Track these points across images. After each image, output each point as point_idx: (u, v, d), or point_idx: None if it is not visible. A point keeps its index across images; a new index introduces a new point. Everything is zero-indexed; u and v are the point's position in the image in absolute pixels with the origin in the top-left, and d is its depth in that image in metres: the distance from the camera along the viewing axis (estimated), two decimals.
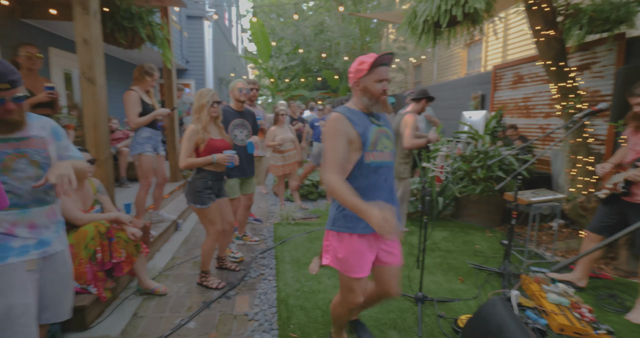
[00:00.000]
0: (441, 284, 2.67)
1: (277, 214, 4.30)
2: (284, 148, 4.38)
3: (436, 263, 3.03)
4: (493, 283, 2.67)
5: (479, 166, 3.95)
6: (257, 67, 12.02)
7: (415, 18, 3.81)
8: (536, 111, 5.22)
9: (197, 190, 2.38)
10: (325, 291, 2.53)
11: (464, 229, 3.87)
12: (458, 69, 9.93)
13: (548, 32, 3.58)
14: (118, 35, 3.42)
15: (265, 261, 3.06)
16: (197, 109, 2.39)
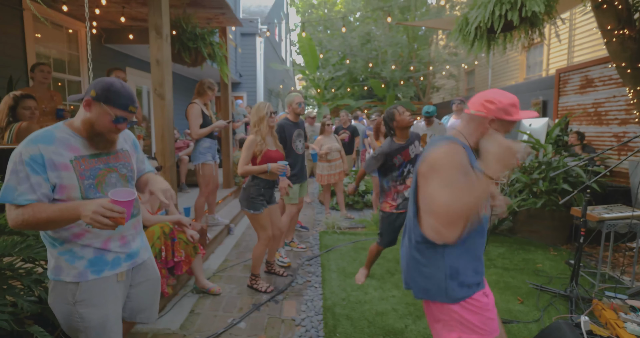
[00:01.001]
0: (498, 304, 2.50)
1: (323, 222, 4.38)
2: (330, 157, 4.48)
3: (492, 280, 2.85)
4: (558, 307, 2.44)
5: (540, 178, 3.66)
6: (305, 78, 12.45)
7: (467, 25, 3.71)
8: (609, 118, 4.70)
9: (251, 196, 2.55)
10: (371, 302, 2.52)
11: (524, 246, 3.58)
12: (516, 73, 9.30)
13: (622, 31, 3.25)
14: (184, 54, 3.81)
15: (312, 269, 3.13)
16: (256, 122, 2.56)
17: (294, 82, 18.67)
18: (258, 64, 9.38)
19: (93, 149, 1.23)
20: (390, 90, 12.12)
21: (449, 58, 11.48)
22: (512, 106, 1.19)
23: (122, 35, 4.85)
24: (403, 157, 2.58)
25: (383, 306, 2.47)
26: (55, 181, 1.14)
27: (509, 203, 1.21)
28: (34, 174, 1.10)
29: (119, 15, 4.07)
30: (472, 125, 1.23)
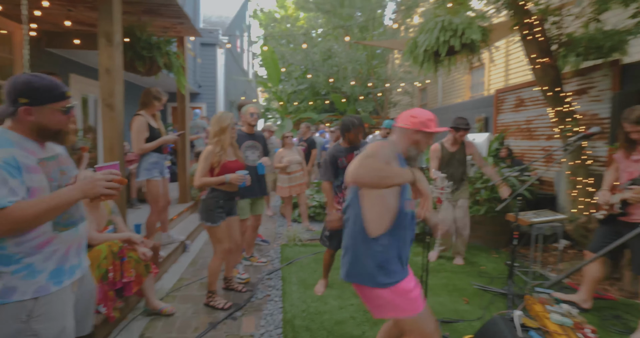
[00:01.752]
0: (446, 305, 2.70)
1: (285, 235, 4.40)
2: (290, 170, 4.56)
3: (442, 284, 3.06)
4: (498, 304, 2.69)
5: (482, 187, 4.04)
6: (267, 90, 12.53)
7: (417, 48, 4.07)
8: (538, 133, 5.33)
9: (209, 209, 2.53)
10: (331, 312, 2.59)
11: (470, 250, 3.89)
12: (462, 92, 10.19)
13: (543, 60, 3.77)
14: (137, 63, 3.64)
15: (272, 282, 3.13)
16: (217, 132, 2.54)
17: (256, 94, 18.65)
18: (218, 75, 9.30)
19: (45, 152, 1.21)
20: (351, 104, 12.60)
21: (404, 76, 12.27)
22: (429, 120, 1.50)
23: (67, 40, 4.53)
24: (347, 160, 2.68)
25: (342, 315, 2.54)
26: (28, 185, 1.11)
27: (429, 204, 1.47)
28: (12, 177, 1.06)
29: (64, 18, 3.84)
30: (402, 136, 1.53)
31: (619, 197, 2.32)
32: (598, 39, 4.06)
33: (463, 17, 3.83)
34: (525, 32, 3.81)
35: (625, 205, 2.32)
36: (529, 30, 3.78)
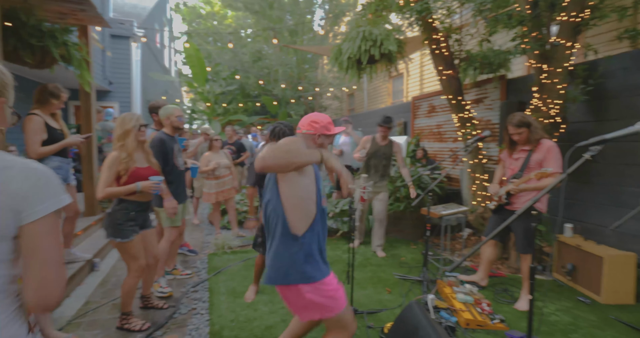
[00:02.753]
0: (371, 297, 2.87)
1: (213, 243, 4.18)
2: (218, 174, 4.35)
3: (367, 277, 3.25)
4: (415, 291, 2.96)
5: (401, 186, 4.42)
6: (193, 91, 11.79)
7: (341, 55, 4.28)
8: (447, 136, 6.06)
9: (118, 223, 2.25)
10: (261, 318, 2.54)
11: (392, 243, 4.22)
12: (385, 98, 11.03)
13: (448, 72, 4.29)
14: (23, 53, 3.10)
15: (198, 295, 2.94)
16: (121, 136, 2.30)
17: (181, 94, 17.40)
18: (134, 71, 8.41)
19: None
20: (282, 107, 12.61)
21: (333, 81, 12.76)
22: (329, 124, 1.62)
23: None
24: None
25: (273, 319, 2.52)
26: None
27: (350, 188, 1.60)
28: None
29: None
30: (306, 141, 1.60)
31: (504, 190, 2.77)
32: (489, 56, 4.80)
33: (382, 29, 4.16)
34: (433, 46, 4.29)
35: (509, 196, 2.77)
36: (437, 45, 4.27)
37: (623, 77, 3.59)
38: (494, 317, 2.41)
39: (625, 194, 3.48)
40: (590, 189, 3.85)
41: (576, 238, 3.10)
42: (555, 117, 3.49)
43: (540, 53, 3.68)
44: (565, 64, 3.41)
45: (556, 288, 2.99)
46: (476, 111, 5.37)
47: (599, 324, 2.41)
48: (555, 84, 3.43)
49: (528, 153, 2.68)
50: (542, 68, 3.57)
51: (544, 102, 3.50)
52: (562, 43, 3.40)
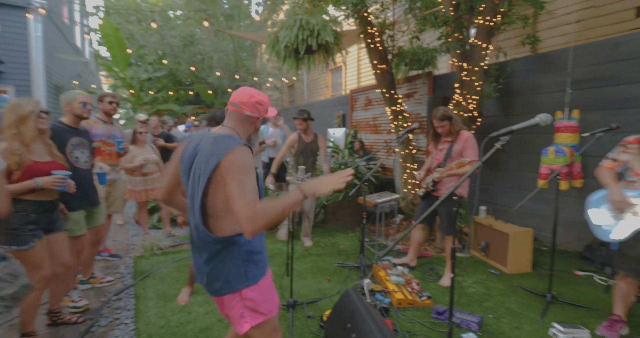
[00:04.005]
0: (311, 286, 2.90)
1: (140, 245, 3.79)
2: (146, 171, 3.93)
3: (307, 267, 3.28)
4: (353, 277, 3.07)
5: None
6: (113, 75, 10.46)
7: (278, 43, 4.15)
8: (382, 129, 6.37)
9: (13, 227, 1.89)
10: (196, 320, 2.38)
11: (332, 233, 4.32)
12: (325, 91, 11.15)
13: (382, 66, 4.46)
14: None
15: (122, 303, 2.65)
16: (14, 123, 1.90)
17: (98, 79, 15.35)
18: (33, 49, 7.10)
19: None
20: (219, 97, 11.93)
21: (272, 71, 12.45)
22: (268, 105, 1.45)
23: None
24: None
25: (208, 320, 2.38)
26: None
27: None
28: None
29: None
30: (245, 124, 1.39)
31: (430, 178, 3.00)
32: (418, 53, 5.12)
33: (319, 19, 4.13)
34: (368, 40, 4.41)
35: (435, 184, 3.01)
36: (371, 40, 4.40)
37: (525, 77, 4.14)
38: (422, 294, 2.62)
39: (525, 179, 4.06)
40: (499, 175, 4.41)
41: (489, 219, 3.52)
42: (473, 112, 3.88)
43: (461, 53, 4.04)
44: (482, 63, 3.78)
45: (473, 263, 3.38)
46: (407, 105, 5.72)
47: (506, 292, 2.79)
48: (473, 82, 3.80)
49: (450, 144, 2.93)
50: (463, 66, 3.92)
51: (464, 97, 3.85)
52: (479, 44, 3.76)
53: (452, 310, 1.67)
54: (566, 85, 3.58)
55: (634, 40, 3.21)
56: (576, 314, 2.43)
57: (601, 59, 3.43)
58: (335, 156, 5.10)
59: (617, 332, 2.16)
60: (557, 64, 3.79)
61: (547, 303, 2.53)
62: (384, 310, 2.41)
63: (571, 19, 4.69)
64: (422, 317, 2.42)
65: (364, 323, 1.80)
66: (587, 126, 3.31)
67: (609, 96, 3.35)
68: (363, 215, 3.10)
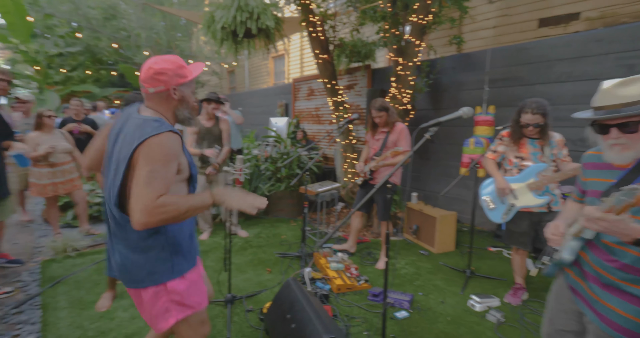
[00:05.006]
0: (251, 279, 2.84)
1: (49, 247, 3.29)
2: (55, 160, 3.39)
3: (247, 260, 3.20)
4: (295, 267, 3.09)
5: (282, 166, 4.47)
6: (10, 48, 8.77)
7: (214, 23, 3.87)
8: (324, 119, 6.44)
9: None
10: (119, 327, 2.17)
11: (274, 223, 4.28)
12: (267, 78, 10.85)
13: (324, 56, 4.46)
14: None
15: (24, 316, 2.29)
16: None
17: None
18: None
19: None
20: None
21: (210, 55, 11.68)
22: (180, 68, 1.23)
23: None
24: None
25: (135, 325, 2.19)
26: None
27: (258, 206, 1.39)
28: None
29: None
30: (162, 102, 1.23)
31: (368, 167, 3.12)
32: (358, 46, 5.24)
33: (259, 1, 3.95)
34: (310, 29, 4.36)
35: (372, 172, 3.14)
36: (313, 29, 4.36)
37: (452, 74, 4.52)
38: (360, 278, 2.75)
39: (451, 168, 4.48)
40: (429, 164, 4.79)
41: (419, 204, 3.82)
42: (407, 105, 4.12)
43: (397, 48, 4.23)
44: (415, 59, 4.01)
45: (406, 246, 3.65)
46: (348, 96, 5.86)
47: (433, 270, 3.07)
48: (407, 76, 4.02)
49: (386, 134, 3.07)
50: (398, 61, 4.12)
51: (399, 91, 4.06)
52: (413, 41, 3.98)
53: (386, 291, 1.77)
54: (484, 83, 3.99)
55: (537, 47, 3.70)
56: (490, 285, 2.78)
57: (512, 61, 3.89)
58: (277, 146, 5.02)
59: (519, 297, 2.53)
60: (477, 64, 4.20)
61: (466, 278, 2.85)
62: (324, 297, 2.48)
63: (489, 25, 5.23)
64: (360, 300, 2.54)
65: (303, 312, 1.81)
66: (500, 120, 3.74)
67: (518, 95, 3.83)
68: (304, 204, 3.11)
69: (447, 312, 2.40)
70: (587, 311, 1.19)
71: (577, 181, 1.36)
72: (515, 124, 2.39)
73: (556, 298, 1.36)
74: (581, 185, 1.32)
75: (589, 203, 1.21)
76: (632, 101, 1.03)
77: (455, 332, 2.17)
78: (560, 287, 1.36)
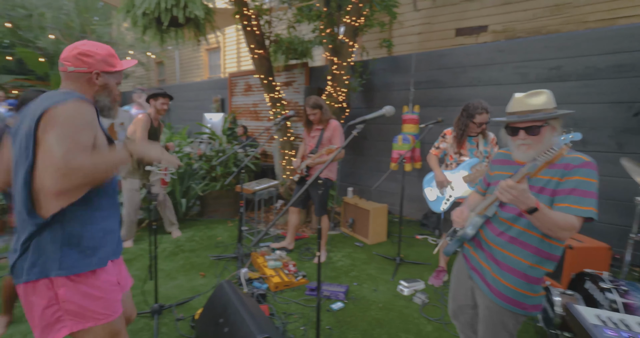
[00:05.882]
0: (183, 286, 2.67)
1: None
2: None
3: (179, 266, 3.00)
4: (231, 268, 2.99)
5: (217, 164, 4.28)
6: None
7: (134, 8, 3.51)
8: (262, 115, 6.32)
9: None
10: None
11: (209, 225, 4.08)
12: (201, 72, 10.24)
13: (260, 52, 4.37)
14: None
15: None
16: None
17: None
18: None
19: None
20: (55, 67, 9.41)
21: (134, 43, 10.59)
22: (110, 56, 1.21)
23: None
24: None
25: None
26: None
27: (177, 162, 1.37)
28: None
29: None
30: (81, 84, 1.17)
31: (304, 164, 3.15)
32: (295, 43, 5.24)
33: None
34: (245, 22, 4.22)
35: (308, 169, 3.18)
36: (248, 22, 4.23)
37: (383, 75, 4.79)
38: (298, 274, 2.77)
39: (383, 163, 4.77)
40: (363, 160, 5.04)
41: (355, 198, 3.99)
42: (342, 103, 4.26)
43: (333, 47, 4.33)
44: (349, 59, 4.16)
45: (342, 239, 3.79)
46: (286, 93, 5.83)
47: (367, 260, 3.24)
48: (342, 75, 4.15)
49: (321, 132, 3.14)
50: (334, 60, 4.22)
51: (335, 89, 4.17)
52: (347, 41, 4.11)
53: (320, 285, 1.82)
54: (410, 85, 4.32)
55: (453, 54, 4.12)
56: (417, 270, 3.04)
57: (433, 66, 4.27)
58: (212, 143, 4.78)
59: (441, 279, 2.81)
60: (404, 67, 4.52)
61: (396, 265, 3.07)
62: (261, 297, 2.44)
63: (415, 31, 5.66)
64: (297, 296, 2.56)
65: (236, 314, 1.77)
66: (424, 119, 4.09)
67: (438, 96, 4.23)
68: (240, 203, 3.02)
69: (379, 299, 2.56)
70: (480, 283, 1.39)
71: (485, 175, 1.56)
72: (464, 126, 2.56)
73: (456, 277, 1.56)
74: (487, 178, 1.52)
75: (491, 192, 1.41)
76: (537, 109, 1.25)
77: (386, 317, 2.33)
78: (459, 267, 1.55)
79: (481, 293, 1.38)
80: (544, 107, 1.26)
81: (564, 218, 1.12)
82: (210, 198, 4.23)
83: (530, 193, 1.11)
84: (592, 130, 3.25)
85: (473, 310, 1.50)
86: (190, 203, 4.26)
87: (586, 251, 2.47)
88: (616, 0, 3.95)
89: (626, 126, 3.08)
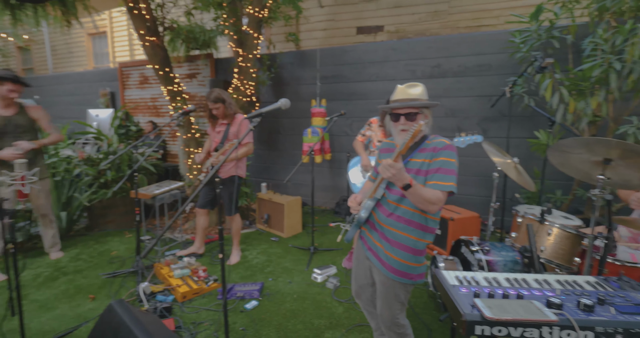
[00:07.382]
0: (65, 315, 2.24)
1: None
2: None
3: (58, 293, 2.51)
4: (129, 285, 2.63)
5: (107, 169, 3.71)
6: None
7: None
8: (163, 111, 5.72)
9: None
10: None
11: (99, 239, 3.52)
12: (84, 60, 8.72)
13: (151, 39, 3.88)
14: None
15: None
16: None
17: None
18: None
19: None
20: None
21: None
22: None
23: None
24: None
25: None
26: None
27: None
28: None
29: None
30: None
31: (209, 161, 2.95)
32: (196, 32, 4.84)
33: None
34: (130, 4, 3.70)
35: None
36: (134, 4, 3.71)
37: (291, 69, 4.80)
38: (209, 279, 2.60)
39: (295, 156, 4.82)
40: (277, 154, 5.01)
41: (269, 193, 3.94)
42: (251, 97, 4.12)
43: (237, 38, 4.13)
44: (255, 51, 4.02)
45: (258, 236, 3.71)
46: (190, 86, 5.38)
47: (283, 254, 3.24)
48: (249, 68, 4.00)
49: (227, 126, 2.97)
50: (239, 52, 4.04)
51: (242, 82, 4.00)
52: (251, 33, 3.96)
53: (225, 287, 1.72)
54: (317, 79, 4.43)
55: (355, 51, 4.36)
56: (330, 257, 3.16)
57: (337, 61, 4.45)
58: (99, 144, 4.11)
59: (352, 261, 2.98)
60: (310, 61, 4.60)
61: (310, 255, 3.14)
62: (166, 310, 2.22)
63: (320, 27, 5.81)
64: (209, 302, 2.40)
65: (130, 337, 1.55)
66: (331, 112, 4.25)
67: (342, 90, 4.44)
68: (136, 211, 2.67)
69: (294, 290, 2.58)
70: (375, 261, 1.51)
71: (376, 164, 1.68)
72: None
73: (357, 259, 1.68)
74: (377, 166, 1.64)
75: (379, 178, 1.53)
76: (415, 98, 1.46)
77: (301, 307, 2.36)
78: (359, 249, 1.67)
79: (377, 270, 1.51)
80: (420, 97, 1.47)
81: (432, 193, 1.31)
82: (99, 208, 3.64)
83: (405, 172, 1.26)
84: (465, 119, 3.84)
85: (372, 287, 1.62)
86: (75, 216, 3.60)
87: (463, 221, 2.92)
88: (480, 11, 4.71)
89: (487, 115, 3.73)
